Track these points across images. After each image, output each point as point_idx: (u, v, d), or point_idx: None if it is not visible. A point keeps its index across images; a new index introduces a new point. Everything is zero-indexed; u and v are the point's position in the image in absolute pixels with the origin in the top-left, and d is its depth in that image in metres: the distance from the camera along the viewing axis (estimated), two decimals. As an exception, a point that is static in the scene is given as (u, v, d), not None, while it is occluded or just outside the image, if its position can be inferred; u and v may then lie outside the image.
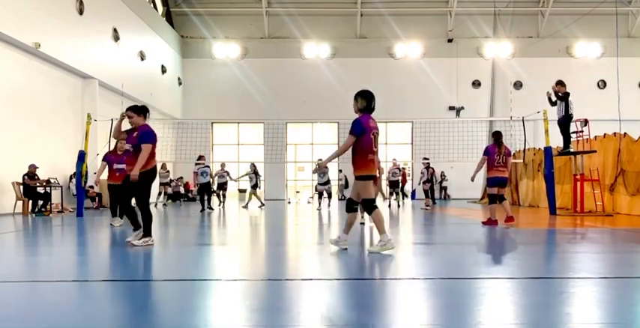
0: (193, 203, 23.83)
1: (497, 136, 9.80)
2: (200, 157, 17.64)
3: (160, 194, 20.61)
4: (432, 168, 18.29)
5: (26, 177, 14.59)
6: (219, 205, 17.31)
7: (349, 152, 6.05)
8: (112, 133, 8.79)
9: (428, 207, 16.98)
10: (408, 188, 28.08)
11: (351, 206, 6.22)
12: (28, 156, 15.01)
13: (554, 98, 12.68)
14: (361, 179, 6.01)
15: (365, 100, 6.06)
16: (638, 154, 13.10)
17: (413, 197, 27.99)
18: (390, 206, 18.55)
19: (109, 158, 10.31)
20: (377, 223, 5.94)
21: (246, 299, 3.74)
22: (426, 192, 17.99)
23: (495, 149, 9.63)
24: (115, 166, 10.04)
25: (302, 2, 29.20)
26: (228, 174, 18.43)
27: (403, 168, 28.33)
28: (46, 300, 3.74)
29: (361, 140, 5.92)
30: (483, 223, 9.97)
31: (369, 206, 6.02)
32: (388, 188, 19.53)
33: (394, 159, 20.15)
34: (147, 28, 24.49)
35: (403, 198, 22.14)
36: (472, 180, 10.23)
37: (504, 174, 9.68)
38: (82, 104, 18.63)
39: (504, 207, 9.62)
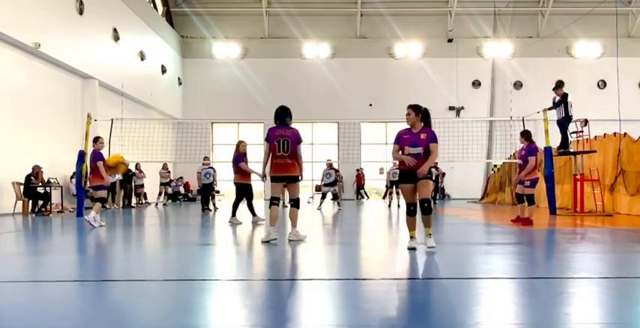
0: (193, 203, 23.83)
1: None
2: (205, 158, 17.61)
3: (160, 194, 20.63)
4: (439, 169, 18.21)
5: (32, 177, 14.60)
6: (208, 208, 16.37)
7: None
8: None
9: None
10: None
11: (271, 201, 7.21)
12: (28, 156, 15.02)
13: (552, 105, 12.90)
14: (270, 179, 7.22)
15: (275, 117, 7.37)
16: (638, 154, 13.10)
17: None
18: (389, 206, 18.56)
19: (243, 159, 10.86)
20: (269, 217, 7.10)
21: (246, 299, 3.74)
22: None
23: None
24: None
25: (302, 2, 29.20)
26: (214, 171, 16.51)
27: (360, 169, 28.32)
28: (46, 300, 3.73)
29: (270, 147, 7.15)
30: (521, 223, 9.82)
31: (270, 202, 7.20)
32: (388, 188, 19.51)
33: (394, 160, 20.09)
34: (147, 28, 24.49)
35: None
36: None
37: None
38: (82, 104, 18.63)
39: (529, 209, 9.72)
